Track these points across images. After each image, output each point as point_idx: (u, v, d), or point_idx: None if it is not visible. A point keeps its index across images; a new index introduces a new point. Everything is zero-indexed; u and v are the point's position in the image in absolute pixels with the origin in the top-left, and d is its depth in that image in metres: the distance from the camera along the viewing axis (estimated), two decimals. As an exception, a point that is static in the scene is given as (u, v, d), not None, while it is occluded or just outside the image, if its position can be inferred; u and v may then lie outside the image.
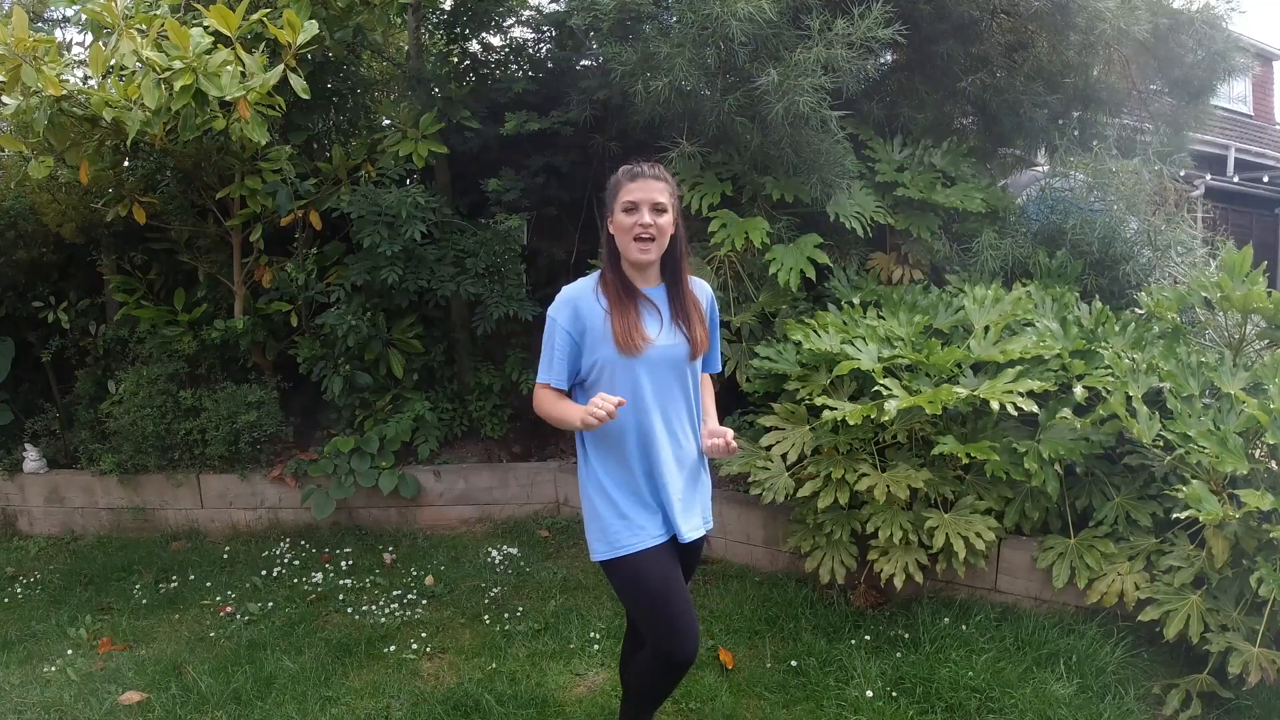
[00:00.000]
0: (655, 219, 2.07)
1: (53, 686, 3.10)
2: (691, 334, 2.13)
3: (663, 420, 2.13)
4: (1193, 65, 4.48)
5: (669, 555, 2.16)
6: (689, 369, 2.17)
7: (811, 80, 3.59)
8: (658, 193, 2.08)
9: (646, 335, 2.08)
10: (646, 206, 2.07)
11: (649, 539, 2.12)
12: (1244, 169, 12.76)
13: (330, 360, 4.61)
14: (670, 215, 2.10)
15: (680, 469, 2.17)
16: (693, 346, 2.13)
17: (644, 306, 2.12)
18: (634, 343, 2.05)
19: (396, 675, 3.10)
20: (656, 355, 2.09)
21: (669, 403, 2.14)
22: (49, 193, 4.54)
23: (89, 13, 3.45)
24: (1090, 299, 3.89)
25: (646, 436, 2.11)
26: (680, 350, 2.13)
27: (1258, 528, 2.78)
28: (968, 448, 3.19)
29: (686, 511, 2.17)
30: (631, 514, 2.12)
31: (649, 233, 2.07)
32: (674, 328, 2.13)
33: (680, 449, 2.17)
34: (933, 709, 2.78)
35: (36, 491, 4.85)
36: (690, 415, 2.21)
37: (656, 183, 2.09)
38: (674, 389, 2.14)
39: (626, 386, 2.09)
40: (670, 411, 2.14)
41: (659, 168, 2.15)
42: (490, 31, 5.25)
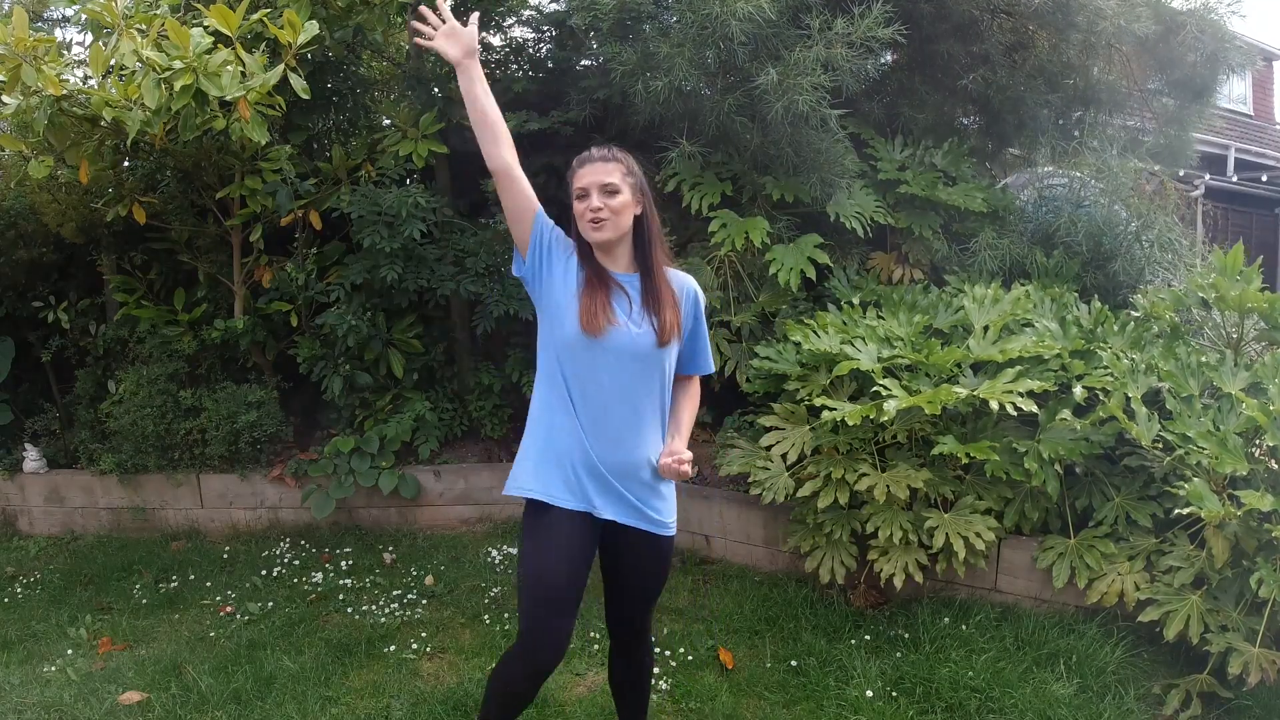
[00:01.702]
0: (606, 200, 2.03)
1: (53, 686, 3.10)
2: (660, 321, 2.04)
3: (615, 413, 2.03)
4: (1193, 65, 4.48)
5: (581, 535, 2.05)
6: (658, 364, 2.07)
7: (811, 79, 3.59)
8: (606, 174, 2.05)
9: (613, 318, 2.01)
10: (595, 189, 2.04)
11: (560, 499, 2.04)
12: (1244, 169, 12.76)
13: (330, 360, 4.61)
14: (625, 195, 2.05)
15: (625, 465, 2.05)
16: (659, 334, 2.04)
17: (615, 291, 2.05)
18: (598, 323, 1.99)
19: (396, 675, 3.10)
20: (619, 340, 2.01)
21: (627, 395, 2.04)
22: (49, 193, 4.54)
23: (89, 13, 3.45)
24: (1089, 298, 3.89)
25: (597, 423, 2.03)
26: (645, 339, 2.03)
27: (1258, 528, 2.78)
28: (968, 448, 3.19)
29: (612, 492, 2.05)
30: (547, 465, 2.06)
31: (599, 215, 2.03)
32: (642, 314, 2.05)
33: (630, 447, 2.05)
34: (933, 709, 2.78)
35: (36, 491, 4.85)
36: (653, 414, 2.09)
37: (605, 164, 2.06)
38: (636, 382, 2.04)
39: (585, 366, 2.02)
40: (627, 404, 2.04)
41: (613, 149, 2.11)
42: (490, 31, 5.24)
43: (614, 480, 2.05)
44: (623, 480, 2.06)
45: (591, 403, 2.04)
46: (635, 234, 2.11)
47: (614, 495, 2.06)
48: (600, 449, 2.04)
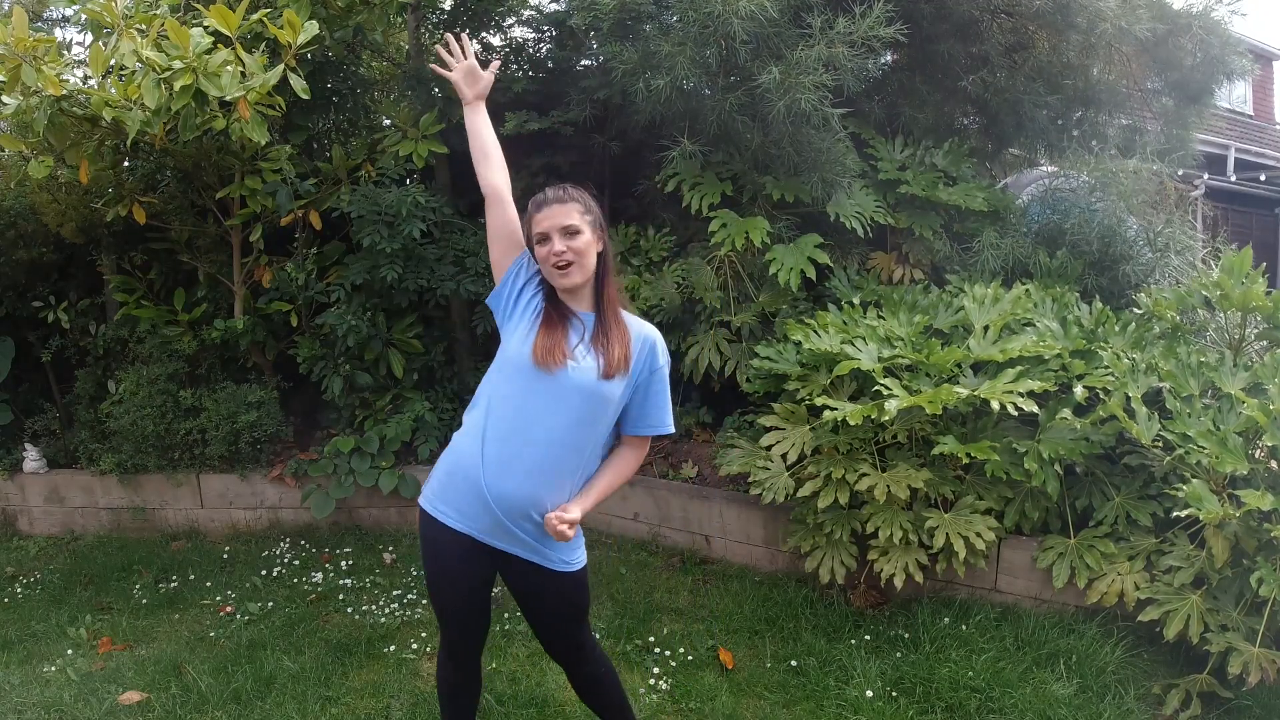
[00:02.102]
0: (568, 243, 2.02)
1: (53, 686, 3.10)
2: (608, 356, 2.01)
3: (532, 450, 1.98)
4: (1193, 67, 4.48)
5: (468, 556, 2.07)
6: (596, 404, 2.01)
7: (813, 78, 3.59)
8: (564, 216, 2.04)
9: (569, 355, 2.00)
10: (556, 233, 2.02)
11: (449, 518, 2.06)
12: (1244, 169, 12.76)
13: (330, 360, 4.61)
14: (587, 235, 2.04)
15: (519, 505, 2.01)
16: (605, 368, 2.00)
17: (572, 324, 2.05)
18: (553, 359, 1.97)
19: (396, 675, 3.10)
20: (567, 379, 1.98)
21: (553, 436, 1.99)
22: (49, 193, 4.54)
23: (89, 13, 3.45)
24: (1090, 299, 3.89)
25: (503, 456, 2.00)
26: (589, 373, 1.99)
27: (1258, 527, 2.78)
28: (968, 448, 3.19)
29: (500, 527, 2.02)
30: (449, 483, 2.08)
31: (564, 259, 2.01)
32: (589, 350, 2.03)
33: (531, 488, 2.00)
34: (933, 709, 2.78)
35: (36, 491, 4.85)
36: (574, 462, 2.03)
37: (563, 206, 2.05)
38: (568, 423, 1.99)
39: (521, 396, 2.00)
40: (549, 445, 1.99)
41: (566, 189, 2.10)
42: (490, 31, 5.25)
43: (503, 517, 2.02)
44: (513, 519, 2.02)
45: (508, 436, 2.00)
46: (598, 269, 2.10)
47: (502, 530, 2.04)
48: (498, 484, 2.00)
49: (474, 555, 2.08)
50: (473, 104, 2.21)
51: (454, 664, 2.25)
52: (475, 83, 2.22)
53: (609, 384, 2.02)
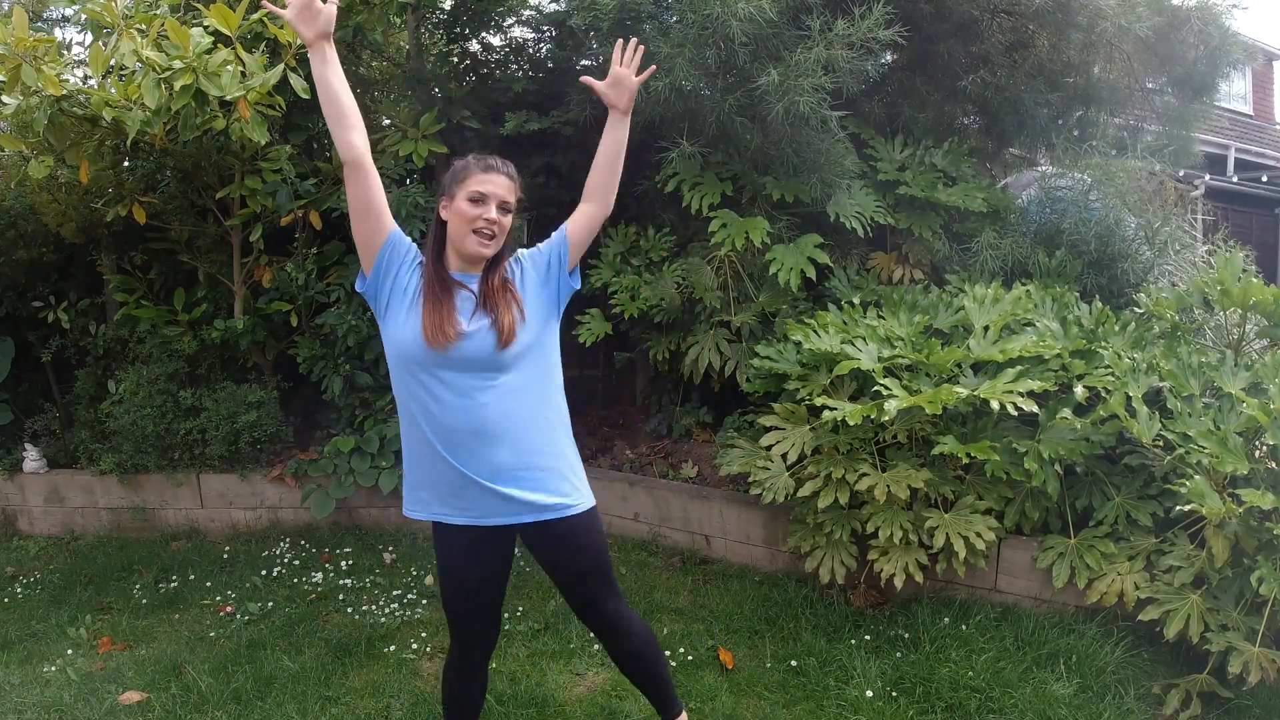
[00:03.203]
0: (500, 217, 2.03)
1: (53, 686, 3.10)
2: (498, 321, 1.97)
3: (474, 423, 1.97)
4: (1194, 63, 4.48)
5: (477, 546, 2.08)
6: (505, 367, 1.99)
7: (812, 80, 3.59)
8: (507, 191, 2.05)
9: (459, 327, 1.95)
10: (494, 202, 2.02)
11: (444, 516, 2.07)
12: (1244, 169, 12.76)
13: (330, 360, 4.61)
14: (511, 218, 2.08)
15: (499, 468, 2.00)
16: (499, 334, 1.96)
17: (459, 293, 2.01)
18: (444, 333, 1.93)
19: (396, 675, 3.10)
20: (466, 349, 1.95)
21: (481, 404, 1.97)
22: (49, 193, 4.54)
23: (89, 13, 3.45)
24: (1089, 298, 3.89)
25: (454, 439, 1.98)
26: (486, 341, 1.96)
27: (1258, 527, 2.78)
28: (968, 448, 3.19)
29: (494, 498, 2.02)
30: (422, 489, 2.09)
31: (491, 229, 2.01)
32: (481, 314, 1.99)
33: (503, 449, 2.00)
34: (933, 709, 2.78)
35: (36, 491, 4.85)
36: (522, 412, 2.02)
37: (509, 181, 2.06)
38: (487, 388, 1.98)
39: (430, 382, 1.97)
40: (485, 411, 1.97)
41: (511, 166, 2.10)
42: (490, 31, 5.25)
43: (491, 484, 2.01)
44: (501, 481, 2.01)
45: (445, 420, 1.98)
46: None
47: (497, 500, 2.03)
48: (467, 461, 2.00)
49: (485, 541, 2.09)
50: (315, 46, 1.97)
51: (465, 666, 2.23)
52: (313, 19, 1.97)
53: (514, 346, 1.99)
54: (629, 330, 4.51)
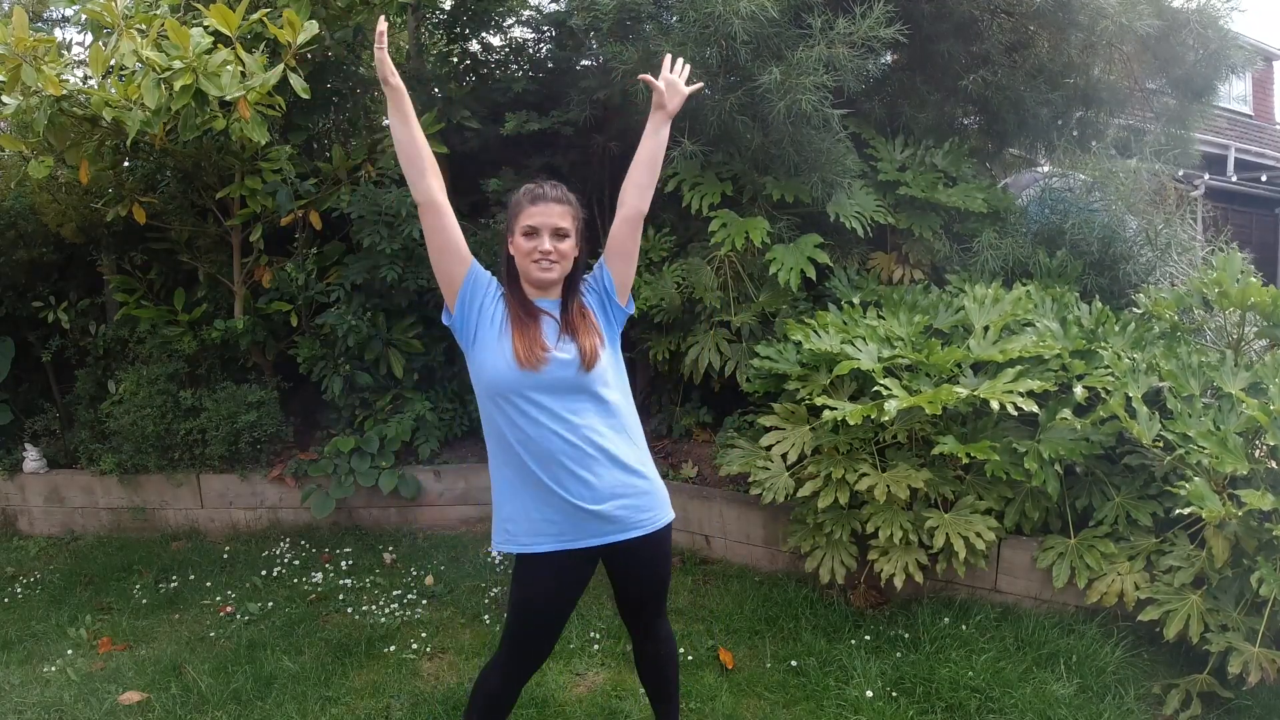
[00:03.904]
0: (556, 244, 2.05)
1: (53, 686, 3.10)
2: (580, 346, 2.05)
3: (567, 447, 2.02)
4: (1193, 65, 4.48)
5: (568, 571, 2.10)
6: (591, 388, 2.06)
7: (813, 79, 3.59)
8: (560, 218, 2.06)
9: (546, 345, 2.03)
10: (548, 232, 2.05)
11: (542, 545, 2.07)
12: (1244, 169, 12.76)
13: (330, 360, 4.61)
14: (572, 240, 2.09)
15: (598, 491, 2.05)
16: (583, 357, 2.04)
17: (543, 319, 2.09)
18: (535, 355, 2.00)
19: (396, 675, 3.10)
20: (555, 372, 2.02)
21: (573, 426, 2.03)
22: (49, 193, 4.54)
23: (89, 13, 3.45)
24: (1090, 299, 3.89)
25: (553, 465, 2.03)
26: (571, 365, 2.03)
27: (1258, 527, 2.78)
28: (968, 448, 3.19)
29: (593, 521, 2.06)
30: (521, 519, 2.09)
31: (550, 258, 2.05)
32: (565, 340, 2.07)
33: (597, 471, 2.05)
34: (933, 709, 2.78)
35: (36, 491, 4.85)
36: (610, 429, 2.09)
37: (558, 206, 2.07)
38: (578, 409, 2.04)
39: (525, 407, 2.02)
40: (576, 434, 2.03)
41: (561, 189, 2.12)
42: (490, 31, 5.25)
43: (591, 506, 2.05)
44: (599, 500, 2.05)
45: (544, 444, 2.02)
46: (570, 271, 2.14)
47: (594, 521, 2.06)
48: (568, 484, 2.04)
49: (577, 566, 2.11)
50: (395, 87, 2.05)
51: (512, 685, 2.21)
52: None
53: (597, 367, 2.06)
54: (629, 330, 4.49)
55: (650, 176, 2.14)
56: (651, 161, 2.14)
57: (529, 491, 2.07)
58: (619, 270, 2.17)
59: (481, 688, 2.22)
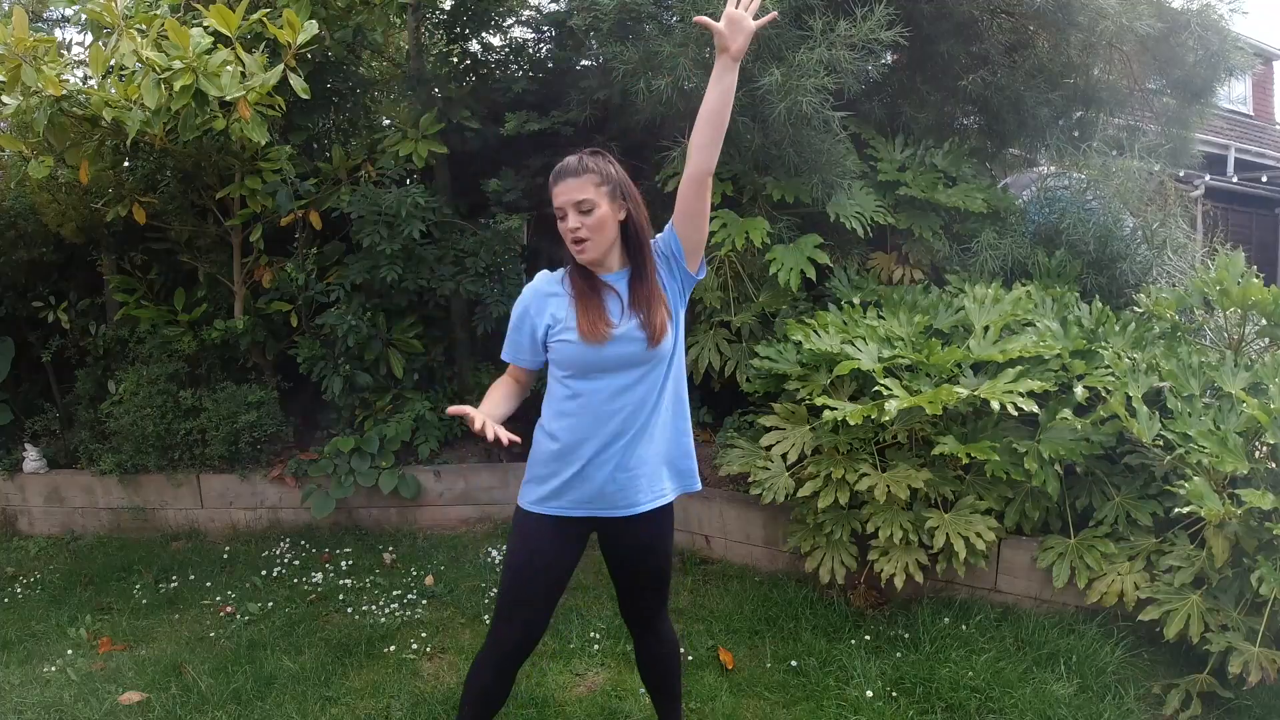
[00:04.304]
0: (583, 220, 1.99)
1: (53, 686, 3.10)
2: (650, 320, 2.00)
3: (619, 419, 2.03)
4: (1194, 65, 4.48)
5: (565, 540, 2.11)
6: (655, 365, 2.05)
7: (814, 80, 3.59)
8: (579, 191, 1.99)
9: (610, 321, 1.99)
10: (571, 209, 1.99)
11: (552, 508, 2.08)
12: (1244, 169, 12.75)
13: (330, 360, 4.61)
14: (604, 208, 2.00)
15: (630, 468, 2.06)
16: (650, 334, 2.00)
17: (606, 294, 2.04)
18: (599, 330, 1.97)
19: (396, 675, 3.10)
20: (618, 346, 2.00)
21: (630, 400, 2.03)
22: (49, 193, 4.54)
23: (89, 13, 3.45)
24: (1089, 298, 3.89)
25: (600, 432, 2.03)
26: (637, 341, 2.00)
27: (1258, 527, 2.78)
28: (968, 448, 3.19)
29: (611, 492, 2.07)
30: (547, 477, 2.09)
31: (579, 235, 1.99)
32: (632, 314, 2.02)
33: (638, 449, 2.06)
34: (933, 709, 2.78)
35: (36, 491, 4.85)
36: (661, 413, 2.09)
37: (577, 179, 2.00)
38: (637, 385, 2.03)
39: (589, 377, 2.02)
40: (631, 408, 2.03)
41: (583, 159, 2.04)
42: (490, 31, 5.24)
43: (615, 492, 2.06)
44: (622, 488, 2.06)
45: (595, 412, 2.03)
46: (624, 235, 2.06)
47: (609, 495, 2.06)
48: (606, 456, 2.04)
49: (580, 535, 2.12)
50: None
51: (506, 668, 2.18)
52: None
53: (660, 350, 2.02)
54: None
55: (714, 132, 1.99)
56: (713, 116, 1.99)
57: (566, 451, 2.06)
58: (687, 234, 2.07)
59: (473, 681, 2.18)
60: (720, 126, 2.01)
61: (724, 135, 2.02)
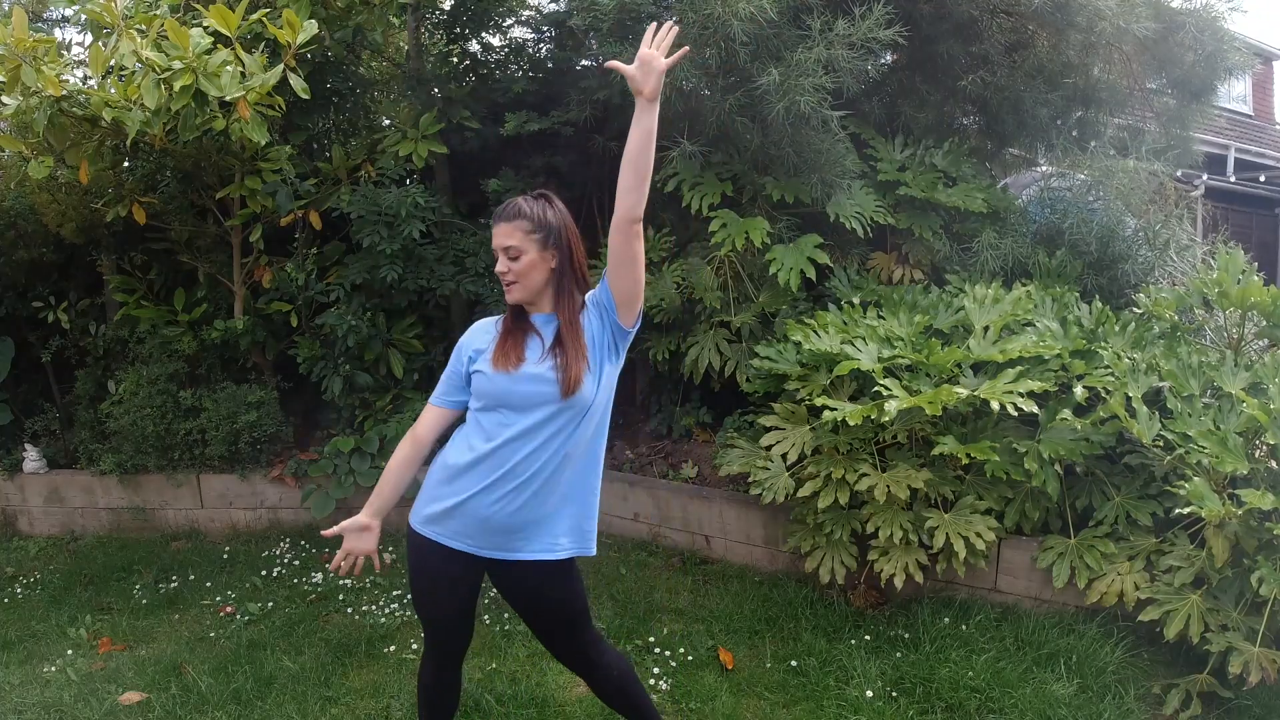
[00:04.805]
0: (510, 265, 2.01)
1: (53, 686, 3.10)
2: (566, 374, 1.95)
3: (518, 461, 1.98)
4: (1193, 64, 4.48)
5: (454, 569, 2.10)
6: (572, 416, 1.99)
7: (812, 80, 3.59)
8: (508, 237, 2.01)
9: (523, 355, 2.00)
10: (501, 253, 2.03)
11: (437, 535, 2.10)
12: (1244, 169, 12.75)
13: (330, 360, 4.61)
14: (531, 254, 2.00)
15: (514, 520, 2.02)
16: (563, 382, 1.95)
17: (529, 334, 2.05)
18: (509, 359, 1.99)
19: (396, 675, 3.10)
20: (529, 381, 1.98)
21: (534, 442, 1.98)
22: (49, 193, 4.54)
23: (89, 13, 3.45)
24: (1090, 299, 3.89)
25: (495, 471, 2.00)
26: (549, 384, 1.96)
27: (1258, 527, 2.78)
28: (968, 448, 3.19)
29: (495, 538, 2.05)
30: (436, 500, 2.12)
31: (506, 279, 2.03)
32: (549, 358, 1.99)
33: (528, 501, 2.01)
34: (933, 709, 2.78)
35: (36, 491, 4.85)
36: (563, 471, 2.02)
37: (509, 225, 2.02)
38: (543, 432, 1.98)
39: (496, 407, 2.02)
40: (533, 454, 1.98)
41: (520, 205, 2.04)
42: (490, 31, 5.25)
43: (498, 533, 2.04)
44: (508, 532, 2.04)
45: (496, 448, 2.01)
46: (556, 284, 2.06)
47: (490, 535, 2.05)
48: (492, 499, 2.02)
49: (457, 563, 2.11)
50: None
51: (437, 669, 2.24)
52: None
53: (572, 402, 1.98)
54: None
55: (637, 176, 1.91)
56: (635, 158, 1.90)
57: (461, 489, 2.06)
58: (619, 285, 2.01)
59: (420, 682, 2.28)
60: (642, 170, 1.92)
61: (649, 178, 1.94)
